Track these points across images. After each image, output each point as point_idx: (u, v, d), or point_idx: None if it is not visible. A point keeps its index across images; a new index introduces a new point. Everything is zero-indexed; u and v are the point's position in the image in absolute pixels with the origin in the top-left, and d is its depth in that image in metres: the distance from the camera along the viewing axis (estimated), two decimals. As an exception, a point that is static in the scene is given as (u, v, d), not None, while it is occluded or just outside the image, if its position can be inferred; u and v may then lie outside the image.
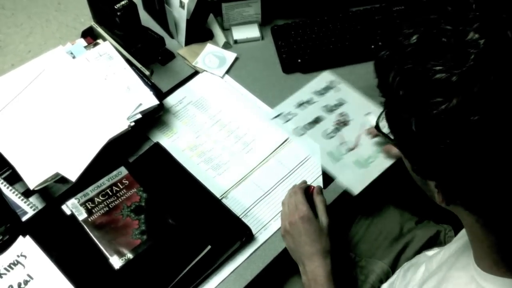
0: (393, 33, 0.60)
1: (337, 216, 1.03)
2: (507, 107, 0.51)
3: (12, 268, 0.94)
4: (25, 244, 0.96)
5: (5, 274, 0.93)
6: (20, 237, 0.97)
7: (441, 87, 0.52)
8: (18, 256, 0.95)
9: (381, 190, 1.19)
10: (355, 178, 1.06)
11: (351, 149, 1.10)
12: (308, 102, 1.19)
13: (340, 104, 1.18)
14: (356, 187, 1.05)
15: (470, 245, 0.69)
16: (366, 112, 1.15)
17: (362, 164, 1.07)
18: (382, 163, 1.07)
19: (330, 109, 1.17)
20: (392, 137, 0.66)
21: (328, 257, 0.94)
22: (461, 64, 0.52)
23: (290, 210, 0.97)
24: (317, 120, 1.16)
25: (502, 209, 0.59)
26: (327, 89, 1.21)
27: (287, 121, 1.16)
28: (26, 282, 0.92)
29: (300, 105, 1.19)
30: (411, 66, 0.55)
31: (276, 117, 1.17)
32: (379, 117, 0.71)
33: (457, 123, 0.52)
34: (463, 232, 0.86)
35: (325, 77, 1.23)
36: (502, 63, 0.52)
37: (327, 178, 1.07)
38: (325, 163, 1.09)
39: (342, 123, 1.15)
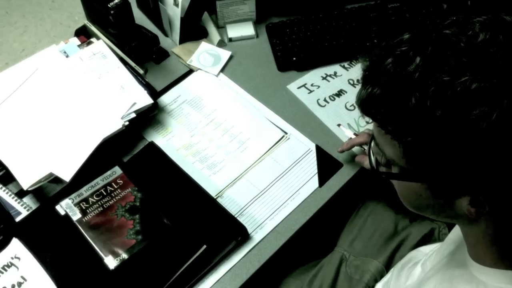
0: (367, 69, 0.57)
1: (332, 215, 1.03)
2: None
3: (6, 270, 0.93)
4: (19, 246, 0.95)
5: (-1, 276, 0.93)
6: (14, 239, 0.96)
7: (484, 95, 0.50)
8: (12, 258, 0.94)
9: (375, 188, 1.20)
10: None
11: (369, 123, 1.12)
12: (333, 75, 1.24)
13: None
14: None
15: (468, 245, 0.69)
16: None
17: None
18: None
19: (354, 84, 1.22)
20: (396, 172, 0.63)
21: None
22: (492, 66, 0.50)
23: None
24: (340, 93, 1.20)
25: None
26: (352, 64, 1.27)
27: (310, 92, 1.20)
28: (19, 284, 0.92)
29: (324, 78, 1.23)
30: (437, 86, 0.52)
31: (300, 87, 1.21)
32: (371, 162, 0.68)
33: None
34: (452, 232, 0.85)
35: None
36: None
37: (323, 177, 1.07)
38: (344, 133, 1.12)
39: None
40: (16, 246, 0.96)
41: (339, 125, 1.12)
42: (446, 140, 0.53)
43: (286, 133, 1.14)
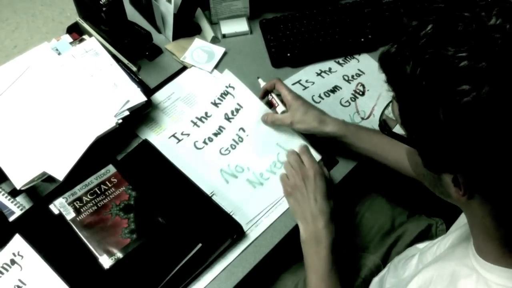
0: (399, 27, 0.59)
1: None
2: None
3: (7, 270, 0.93)
4: (21, 243, 0.95)
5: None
6: (17, 235, 0.95)
7: (469, 74, 0.51)
8: (14, 255, 0.94)
9: (372, 184, 1.19)
10: None
11: (365, 119, 1.15)
12: (327, 71, 1.24)
13: (359, 75, 1.23)
14: None
15: (472, 237, 0.69)
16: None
17: None
18: None
19: (349, 80, 1.22)
20: (402, 133, 0.65)
21: (333, 222, 0.94)
22: (488, 50, 0.51)
23: (299, 168, 0.98)
24: (334, 89, 1.20)
25: None
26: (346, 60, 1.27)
27: (305, 88, 1.20)
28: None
29: (319, 74, 1.23)
30: (431, 56, 0.54)
31: (295, 84, 1.21)
32: (381, 116, 0.70)
33: (490, 110, 0.51)
34: (456, 225, 0.85)
35: None
36: None
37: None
38: None
39: (360, 93, 1.19)
40: (18, 243, 0.95)
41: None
42: (428, 110, 0.55)
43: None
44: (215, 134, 1.13)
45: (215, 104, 1.17)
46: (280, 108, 1.09)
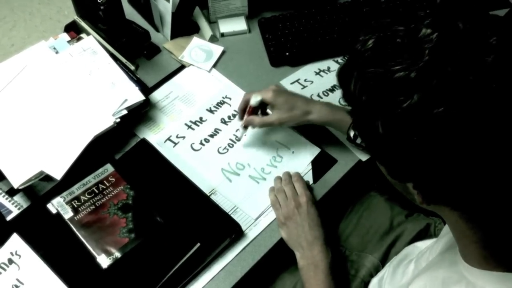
0: (352, 43, 0.61)
1: (327, 210, 1.03)
2: (468, 96, 0.50)
3: (5, 269, 0.92)
4: (19, 243, 0.94)
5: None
6: (14, 234, 0.95)
7: (401, 85, 0.53)
8: (12, 254, 0.93)
9: (371, 183, 1.19)
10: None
11: None
12: (326, 70, 1.23)
13: None
14: (363, 154, 1.09)
15: (456, 242, 0.69)
16: None
17: None
18: None
19: None
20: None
21: (329, 245, 0.96)
22: (418, 60, 0.52)
23: (292, 196, 0.99)
24: (333, 89, 1.20)
25: (484, 202, 0.59)
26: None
27: (304, 87, 1.20)
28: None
29: (318, 73, 1.22)
30: (371, 71, 0.55)
31: (293, 83, 1.20)
32: (348, 129, 0.71)
33: (421, 118, 0.52)
34: (446, 229, 0.85)
35: None
36: (457, 53, 0.52)
37: (317, 173, 1.06)
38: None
39: None
40: (16, 242, 0.94)
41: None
42: (369, 124, 0.57)
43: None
44: (211, 136, 1.13)
45: (211, 111, 1.16)
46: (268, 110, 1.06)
